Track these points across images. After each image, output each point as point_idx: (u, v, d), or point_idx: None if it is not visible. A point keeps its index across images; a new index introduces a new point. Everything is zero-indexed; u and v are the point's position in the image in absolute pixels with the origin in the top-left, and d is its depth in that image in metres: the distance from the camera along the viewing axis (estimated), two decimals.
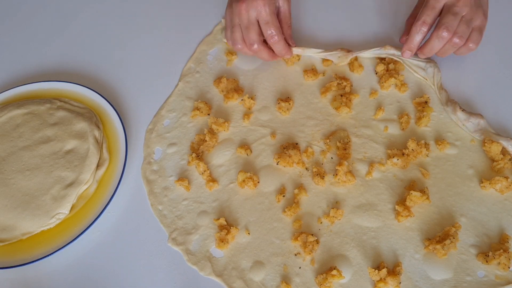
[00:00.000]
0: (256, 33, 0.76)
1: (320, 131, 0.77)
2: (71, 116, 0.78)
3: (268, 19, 0.75)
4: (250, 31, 0.76)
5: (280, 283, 0.65)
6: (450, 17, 0.72)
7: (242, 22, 0.76)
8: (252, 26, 0.76)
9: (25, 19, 0.98)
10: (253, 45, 0.77)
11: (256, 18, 0.76)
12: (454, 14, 0.71)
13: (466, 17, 0.72)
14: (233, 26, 0.78)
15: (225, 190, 0.73)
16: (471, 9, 0.72)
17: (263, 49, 0.78)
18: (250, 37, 0.77)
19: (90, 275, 0.69)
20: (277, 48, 0.78)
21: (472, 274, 0.64)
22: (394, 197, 0.70)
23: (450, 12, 0.72)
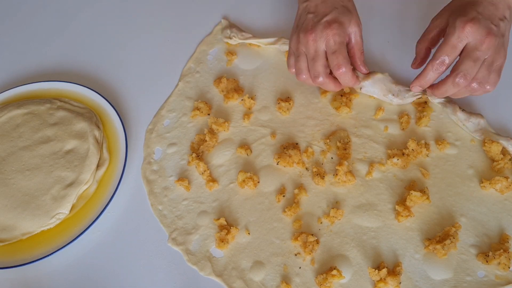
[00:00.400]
0: (322, 65, 0.72)
1: (320, 131, 0.77)
2: (71, 116, 0.78)
3: (335, 48, 0.71)
4: (316, 62, 0.72)
5: (280, 283, 0.65)
6: (470, 64, 0.65)
7: (309, 53, 0.72)
8: (318, 58, 0.72)
9: (25, 19, 0.98)
10: (318, 78, 0.72)
11: (324, 49, 0.71)
12: (475, 60, 0.65)
13: (487, 60, 0.66)
14: (299, 55, 0.73)
15: (225, 190, 0.73)
16: (494, 51, 0.66)
17: (328, 81, 0.73)
18: (316, 69, 0.72)
19: (90, 275, 0.69)
20: (344, 79, 0.73)
21: (472, 274, 0.64)
22: (394, 197, 0.70)
23: (471, 57, 0.65)
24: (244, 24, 0.90)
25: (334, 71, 0.72)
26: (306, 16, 0.73)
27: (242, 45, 0.87)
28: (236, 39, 0.86)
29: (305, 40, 0.72)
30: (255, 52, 0.86)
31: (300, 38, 0.73)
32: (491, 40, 0.65)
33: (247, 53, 0.86)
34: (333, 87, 0.74)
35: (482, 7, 0.67)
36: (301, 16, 0.75)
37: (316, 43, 0.71)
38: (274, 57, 0.85)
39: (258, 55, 0.86)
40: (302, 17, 0.74)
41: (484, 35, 0.65)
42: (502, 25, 0.67)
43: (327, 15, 0.72)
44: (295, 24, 0.75)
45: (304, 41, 0.72)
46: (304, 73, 0.74)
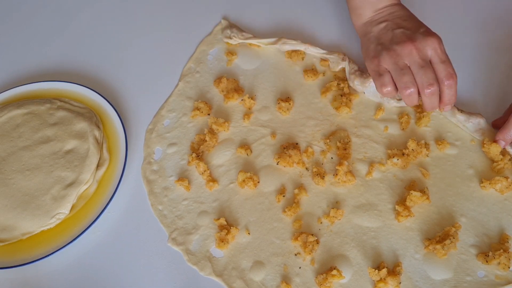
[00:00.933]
0: (433, 71, 0.67)
1: (320, 131, 0.77)
2: (71, 116, 0.78)
3: (444, 58, 0.67)
4: (428, 70, 0.67)
5: (280, 283, 0.65)
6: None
7: (415, 62, 0.67)
8: (427, 65, 0.67)
9: (25, 19, 0.98)
10: (432, 86, 0.67)
11: (429, 58, 0.68)
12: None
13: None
14: (402, 68, 0.68)
15: (225, 190, 0.73)
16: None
17: (438, 93, 0.68)
18: (429, 77, 0.67)
19: (90, 275, 0.69)
20: (450, 92, 0.67)
21: (472, 274, 0.64)
22: (394, 197, 0.70)
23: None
24: (244, 24, 0.90)
25: (444, 81, 0.67)
26: (393, 32, 0.71)
27: (242, 45, 0.87)
28: (236, 39, 0.86)
29: (407, 51, 0.68)
30: (255, 52, 0.86)
31: (398, 50, 0.68)
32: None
33: (247, 53, 0.86)
34: (437, 101, 0.69)
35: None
36: (382, 35, 0.72)
37: (422, 51, 0.68)
38: (274, 57, 0.85)
39: (258, 55, 0.86)
40: (387, 34, 0.71)
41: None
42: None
43: (420, 27, 0.70)
44: (376, 44, 0.72)
45: (405, 52, 0.68)
46: (411, 86, 0.68)
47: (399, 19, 0.73)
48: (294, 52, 0.84)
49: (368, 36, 0.74)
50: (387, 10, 0.75)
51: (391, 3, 0.76)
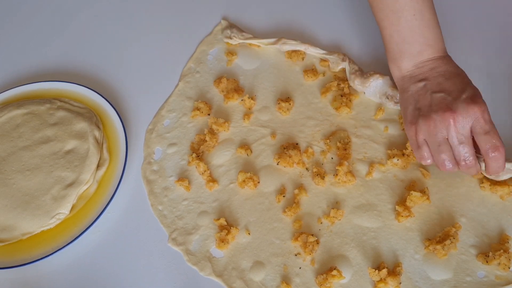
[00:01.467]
0: (471, 145, 0.63)
1: (320, 131, 0.77)
2: (71, 116, 0.78)
3: (488, 128, 0.62)
4: (466, 146, 0.63)
5: (280, 283, 0.65)
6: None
7: (454, 138, 0.63)
8: (467, 141, 0.63)
9: (25, 19, 0.98)
10: (468, 161, 0.63)
11: (470, 129, 0.62)
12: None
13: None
14: (439, 144, 0.63)
15: (225, 190, 0.73)
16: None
17: (476, 163, 0.64)
18: (467, 153, 0.63)
19: (90, 275, 0.69)
20: (497, 164, 0.63)
21: (472, 274, 0.64)
22: (394, 198, 0.70)
23: None
24: (244, 24, 0.90)
25: (488, 154, 0.62)
26: (432, 96, 0.65)
27: (242, 45, 0.87)
28: (237, 39, 0.86)
29: (446, 123, 0.62)
30: (255, 52, 0.86)
31: (437, 121, 0.63)
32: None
33: (247, 53, 0.86)
34: (476, 171, 0.65)
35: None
36: (420, 97, 0.66)
37: (462, 123, 0.62)
38: (274, 57, 0.85)
39: (258, 55, 0.86)
40: (425, 98, 0.65)
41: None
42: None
43: (463, 92, 0.64)
44: (413, 107, 0.66)
45: (444, 124, 0.63)
46: (450, 163, 0.64)
47: (442, 77, 0.66)
48: (294, 52, 0.84)
49: (407, 95, 0.68)
50: (429, 64, 0.67)
51: (434, 57, 0.67)
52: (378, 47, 0.84)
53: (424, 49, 0.67)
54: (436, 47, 0.68)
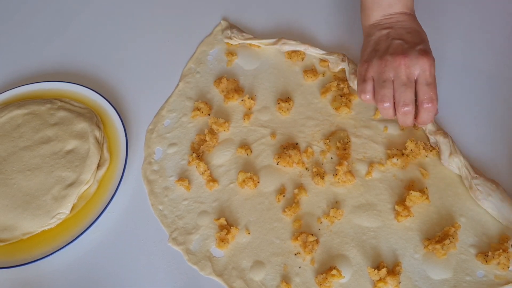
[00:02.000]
0: (413, 92, 0.67)
1: (320, 131, 0.77)
2: (71, 116, 0.78)
3: (431, 80, 0.66)
4: (408, 89, 0.66)
5: (280, 283, 0.65)
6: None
7: (399, 78, 0.67)
8: (410, 84, 0.66)
9: (25, 19, 0.98)
10: (407, 105, 0.67)
11: (415, 78, 0.67)
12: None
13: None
14: (384, 80, 0.67)
15: (225, 190, 0.73)
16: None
17: (413, 112, 0.68)
18: (407, 96, 0.66)
19: (91, 275, 0.69)
20: (427, 116, 0.67)
21: (471, 274, 0.64)
22: (394, 197, 0.71)
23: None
24: (244, 25, 0.90)
25: (423, 104, 0.66)
26: (392, 42, 0.69)
27: (242, 46, 0.87)
28: (237, 39, 0.86)
29: (395, 64, 0.67)
30: (255, 52, 0.86)
31: (388, 61, 0.67)
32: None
33: (247, 53, 0.86)
34: (411, 120, 0.69)
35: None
36: (381, 41, 0.71)
37: (410, 69, 0.66)
38: (274, 57, 0.85)
39: (258, 55, 0.86)
40: (385, 42, 0.70)
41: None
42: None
43: (419, 44, 0.68)
44: (372, 49, 0.71)
45: (394, 65, 0.67)
46: (388, 100, 0.68)
47: (404, 29, 0.71)
48: (294, 53, 0.84)
49: (369, 39, 0.73)
50: (397, 17, 0.72)
51: (402, 12, 0.73)
52: None
53: (394, 3, 0.72)
54: (406, 3, 0.73)
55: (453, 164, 0.70)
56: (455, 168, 0.70)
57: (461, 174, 0.70)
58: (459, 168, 0.70)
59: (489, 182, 0.68)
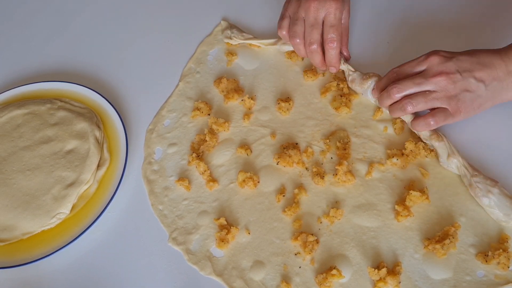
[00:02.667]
0: (319, 33, 0.76)
1: (320, 131, 0.77)
2: (71, 116, 0.78)
3: (335, 23, 0.75)
4: (314, 29, 0.75)
5: (280, 283, 0.65)
6: (409, 83, 0.69)
7: (308, 19, 0.75)
8: (317, 25, 0.75)
9: (25, 19, 0.98)
10: (313, 44, 0.76)
11: (322, 19, 0.75)
12: (417, 84, 0.69)
13: (428, 94, 0.68)
14: (297, 19, 0.76)
15: (225, 190, 0.73)
16: (443, 94, 0.68)
17: (319, 51, 0.77)
18: (313, 36, 0.76)
19: (91, 275, 0.69)
20: (331, 54, 0.76)
21: (471, 273, 0.64)
22: (394, 197, 0.71)
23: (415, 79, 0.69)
24: (244, 25, 0.90)
25: (326, 43, 0.76)
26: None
27: (242, 46, 0.87)
28: (237, 39, 0.86)
29: (306, 5, 0.75)
30: (255, 52, 0.86)
31: (302, 2, 0.75)
32: (443, 80, 0.67)
33: (247, 53, 0.86)
34: (319, 60, 0.78)
35: (466, 59, 0.67)
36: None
37: (318, 11, 0.74)
38: (274, 57, 0.85)
39: (258, 55, 0.86)
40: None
41: (440, 72, 0.67)
42: (473, 82, 0.67)
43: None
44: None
45: (305, 6, 0.75)
46: (299, 37, 0.77)
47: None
48: (294, 53, 0.84)
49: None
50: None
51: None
52: (377, 48, 0.84)
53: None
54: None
55: (452, 165, 0.70)
56: (454, 168, 0.71)
57: (460, 173, 0.70)
58: (458, 168, 0.70)
59: (488, 180, 0.68)
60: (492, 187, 0.67)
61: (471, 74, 0.67)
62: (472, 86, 0.67)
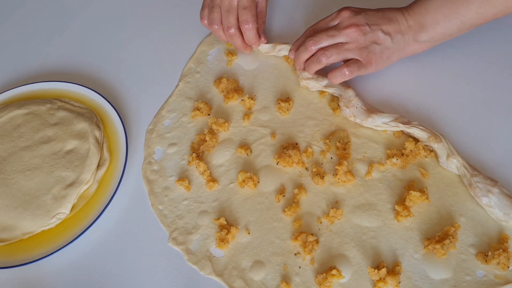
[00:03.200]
0: (235, 17, 0.79)
1: (319, 131, 0.77)
2: (71, 116, 0.78)
3: (247, 5, 0.78)
4: (230, 14, 0.78)
5: (280, 283, 0.66)
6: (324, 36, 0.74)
7: (223, 4, 0.79)
8: (232, 10, 0.78)
9: (25, 19, 0.98)
10: (230, 28, 0.79)
11: (236, 4, 0.78)
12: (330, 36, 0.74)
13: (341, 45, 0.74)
14: (213, 6, 0.80)
15: (225, 190, 0.74)
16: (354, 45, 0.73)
17: (238, 34, 0.80)
18: (230, 20, 0.79)
19: (91, 275, 0.69)
20: (249, 35, 0.80)
21: (471, 273, 0.64)
22: (394, 197, 0.71)
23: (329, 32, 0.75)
24: None
25: (242, 25, 0.78)
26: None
27: None
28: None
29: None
30: (255, 52, 0.86)
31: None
32: (354, 31, 0.73)
33: (247, 53, 0.86)
34: (240, 42, 0.81)
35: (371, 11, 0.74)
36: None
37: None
38: (274, 57, 0.85)
39: (258, 55, 0.86)
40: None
41: (351, 24, 0.73)
42: (381, 35, 0.73)
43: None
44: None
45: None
46: (216, 23, 0.80)
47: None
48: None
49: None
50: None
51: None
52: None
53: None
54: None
55: (451, 165, 0.70)
56: (454, 168, 0.71)
57: (460, 173, 0.70)
58: (458, 168, 0.70)
59: (488, 179, 0.68)
60: (492, 186, 0.67)
61: (379, 27, 0.73)
62: (380, 38, 0.73)
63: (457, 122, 0.75)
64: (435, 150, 0.72)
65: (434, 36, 0.73)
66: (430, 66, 0.81)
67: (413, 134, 0.73)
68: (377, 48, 0.73)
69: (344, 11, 0.75)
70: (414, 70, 0.81)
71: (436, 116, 0.76)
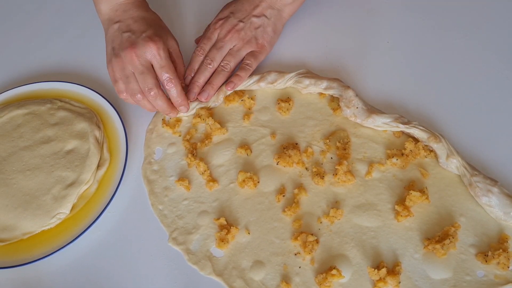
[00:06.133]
0: (154, 77, 0.72)
1: (319, 131, 0.77)
2: (71, 116, 0.78)
3: (163, 63, 0.72)
4: (147, 75, 0.71)
5: (280, 283, 0.66)
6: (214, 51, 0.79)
7: (137, 69, 0.71)
8: (148, 71, 0.71)
9: (25, 19, 0.98)
10: (152, 90, 0.72)
11: (150, 63, 0.72)
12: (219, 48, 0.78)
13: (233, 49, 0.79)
14: (127, 76, 0.72)
15: (225, 190, 0.74)
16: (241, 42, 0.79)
17: (162, 94, 0.73)
18: (148, 82, 0.71)
19: (91, 275, 0.69)
20: (174, 92, 0.74)
21: (471, 273, 0.64)
22: (394, 197, 0.71)
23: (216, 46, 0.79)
24: None
25: (164, 85, 0.73)
26: (122, 36, 0.72)
27: None
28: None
29: (128, 58, 0.71)
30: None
31: (123, 57, 0.71)
32: (233, 34, 0.78)
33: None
34: (165, 104, 0.74)
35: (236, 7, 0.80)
36: (114, 38, 0.73)
37: (141, 58, 0.71)
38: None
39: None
40: (117, 38, 0.73)
41: (227, 31, 0.78)
42: (256, 20, 0.79)
43: (145, 31, 0.72)
44: (110, 48, 0.74)
45: (127, 59, 0.71)
46: (137, 93, 0.73)
47: (131, 19, 0.74)
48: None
49: (107, 37, 0.75)
50: (123, 7, 0.75)
51: (128, 0, 0.75)
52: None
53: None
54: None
55: (451, 165, 0.70)
56: (453, 168, 0.71)
57: (459, 173, 0.70)
58: (458, 168, 0.70)
59: (488, 179, 0.68)
60: (492, 186, 0.67)
61: (250, 16, 0.79)
62: (257, 23, 0.79)
63: (457, 122, 0.75)
64: (435, 150, 0.72)
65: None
66: (430, 66, 0.81)
67: (413, 134, 0.73)
68: (259, 32, 0.79)
69: (217, 23, 0.80)
70: (414, 70, 0.81)
71: (436, 116, 0.76)
